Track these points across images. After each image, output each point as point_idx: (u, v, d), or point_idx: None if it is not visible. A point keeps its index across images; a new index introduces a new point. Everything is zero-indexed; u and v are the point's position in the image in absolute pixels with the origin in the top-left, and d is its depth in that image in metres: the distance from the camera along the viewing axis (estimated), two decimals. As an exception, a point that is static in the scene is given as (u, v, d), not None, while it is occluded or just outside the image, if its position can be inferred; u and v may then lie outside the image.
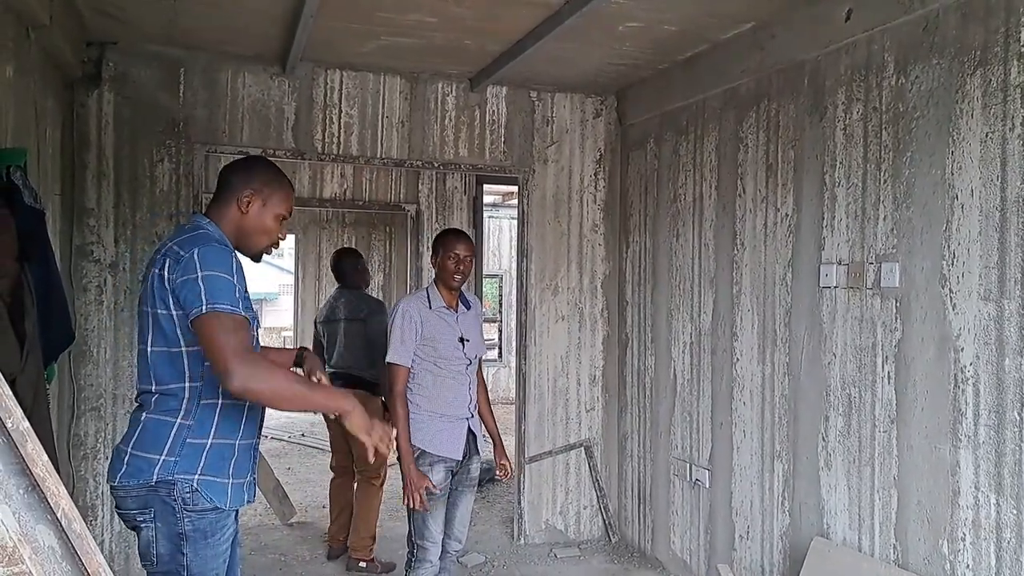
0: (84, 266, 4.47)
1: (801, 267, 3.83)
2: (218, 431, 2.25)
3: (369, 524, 4.92)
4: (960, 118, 3.03)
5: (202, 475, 2.20)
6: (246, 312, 2.20)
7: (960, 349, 3.01)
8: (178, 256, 2.19)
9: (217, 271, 2.15)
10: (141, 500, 2.20)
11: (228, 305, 2.12)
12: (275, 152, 4.81)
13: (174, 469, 2.18)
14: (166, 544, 2.20)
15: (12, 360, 2.83)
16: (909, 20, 3.24)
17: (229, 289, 2.15)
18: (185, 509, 2.18)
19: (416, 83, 5.11)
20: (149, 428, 2.23)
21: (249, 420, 2.35)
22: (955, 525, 3.03)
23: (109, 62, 4.50)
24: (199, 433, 2.22)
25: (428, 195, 8.51)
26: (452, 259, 3.54)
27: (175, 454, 2.19)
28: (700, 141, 4.63)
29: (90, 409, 4.47)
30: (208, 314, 2.10)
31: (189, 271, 2.15)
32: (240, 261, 2.32)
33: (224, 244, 2.28)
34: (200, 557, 2.21)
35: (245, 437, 2.34)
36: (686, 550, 4.73)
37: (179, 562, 2.20)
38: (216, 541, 2.25)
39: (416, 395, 3.52)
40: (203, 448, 2.22)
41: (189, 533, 2.19)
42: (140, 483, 2.19)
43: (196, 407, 2.23)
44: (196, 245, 2.19)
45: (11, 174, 2.99)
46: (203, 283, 2.13)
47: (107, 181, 4.51)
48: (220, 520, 2.25)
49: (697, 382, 4.64)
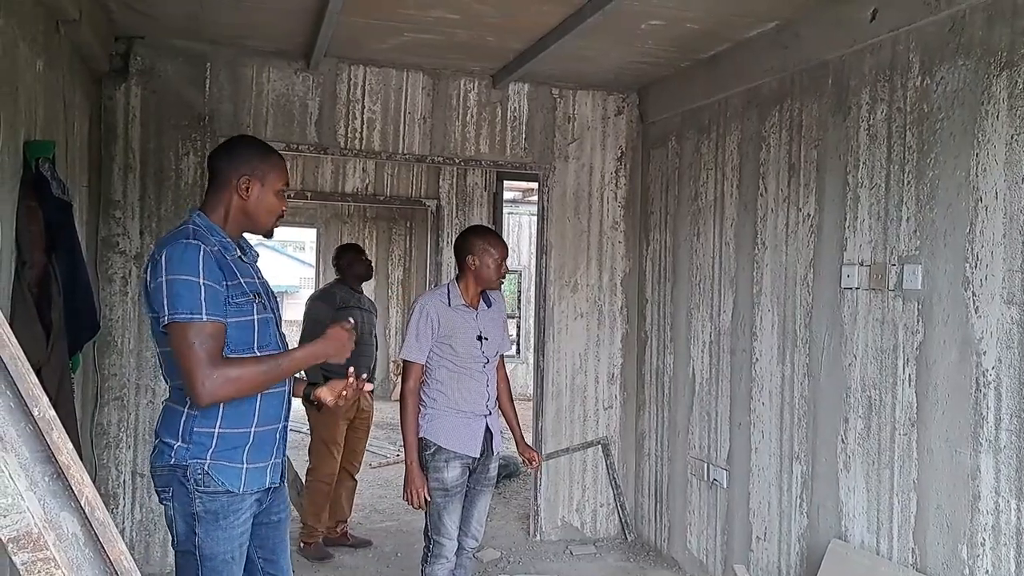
0: (110, 257, 4.52)
1: (822, 268, 3.81)
2: (224, 421, 2.26)
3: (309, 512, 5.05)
4: (985, 119, 3.00)
5: (213, 459, 2.24)
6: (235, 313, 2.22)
7: (982, 352, 2.99)
8: (153, 259, 2.22)
9: (179, 274, 2.15)
10: (164, 479, 2.28)
11: (187, 313, 2.13)
12: (298, 147, 4.85)
13: (186, 455, 2.24)
14: (181, 523, 2.27)
15: (38, 349, 2.88)
16: (935, 20, 3.21)
17: (194, 292, 2.14)
18: (197, 490, 2.23)
19: (438, 79, 5.13)
20: (166, 416, 2.32)
21: (266, 407, 2.35)
22: (975, 530, 3.01)
23: (136, 56, 4.55)
24: (204, 423, 2.25)
25: (449, 190, 8.53)
26: (497, 261, 3.53)
27: (186, 441, 2.24)
28: (722, 140, 4.62)
29: (114, 399, 4.53)
30: (169, 325, 2.14)
31: (156, 275, 2.17)
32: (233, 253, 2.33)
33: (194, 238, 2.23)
34: (211, 538, 2.25)
35: (263, 424, 2.34)
36: (703, 550, 4.72)
37: (192, 541, 2.25)
38: (229, 524, 2.27)
39: (433, 391, 3.52)
40: (211, 436, 2.25)
41: (201, 514, 2.24)
42: (162, 464, 2.27)
43: None
44: (166, 246, 2.21)
45: (40, 166, 3.04)
46: (165, 289, 2.15)
47: (133, 174, 4.56)
48: (234, 503, 2.27)
49: (716, 381, 4.63)
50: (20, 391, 1.25)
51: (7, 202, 2.81)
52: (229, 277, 2.25)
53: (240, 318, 2.26)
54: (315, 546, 5.01)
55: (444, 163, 5.28)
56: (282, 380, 2.37)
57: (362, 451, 5.41)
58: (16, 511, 1.22)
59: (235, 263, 2.32)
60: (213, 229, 2.33)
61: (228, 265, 2.27)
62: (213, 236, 2.30)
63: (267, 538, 2.47)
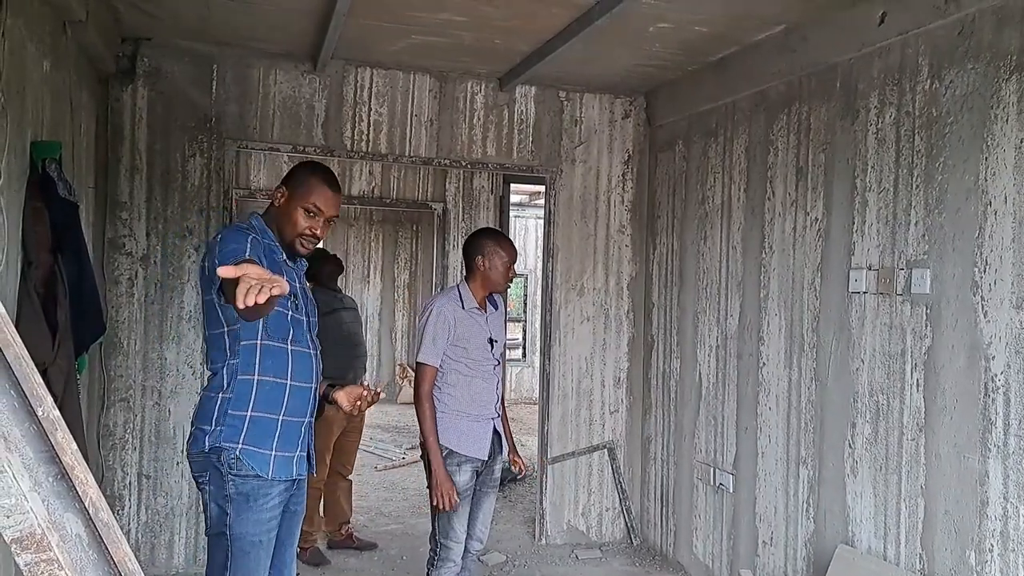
0: (116, 258, 4.53)
1: (830, 272, 3.80)
2: (256, 405, 2.44)
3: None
4: (995, 123, 2.98)
5: (244, 444, 2.42)
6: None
7: (991, 357, 2.97)
8: (208, 245, 2.49)
9: (228, 243, 2.36)
10: (201, 465, 2.47)
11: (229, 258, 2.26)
12: (304, 149, 4.85)
13: (220, 437, 2.41)
14: (215, 507, 2.44)
15: (44, 350, 2.88)
16: (944, 24, 3.20)
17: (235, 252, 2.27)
18: (231, 473, 2.41)
19: (445, 82, 5.12)
20: (202, 404, 2.51)
21: (294, 399, 2.51)
22: (983, 536, 2.98)
23: (143, 57, 4.56)
24: (238, 405, 2.42)
25: (455, 194, 8.53)
26: (507, 263, 3.56)
27: (220, 423, 2.42)
28: (730, 143, 4.60)
29: (119, 400, 4.53)
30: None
31: (211, 250, 2.41)
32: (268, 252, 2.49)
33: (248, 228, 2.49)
34: (242, 520, 2.41)
35: (291, 415, 2.50)
36: (708, 555, 4.70)
37: (223, 522, 2.42)
38: (259, 507, 2.43)
39: (445, 395, 3.51)
40: (244, 420, 2.42)
41: (233, 496, 2.41)
42: (198, 451, 2.46)
43: (234, 381, 2.43)
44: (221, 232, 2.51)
45: (46, 167, 3.04)
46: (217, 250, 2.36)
47: (140, 175, 4.57)
48: (264, 488, 2.44)
49: (722, 386, 4.61)
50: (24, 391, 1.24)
51: (14, 203, 2.82)
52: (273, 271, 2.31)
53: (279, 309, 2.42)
54: (311, 551, 5.00)
55: (450, 166, 5.28)
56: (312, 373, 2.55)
57: (353, 452, 5.40)
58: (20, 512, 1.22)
59: (281, 264, 2.51)
60: (266, 232, 2.55)
61: (275, 263, 2.47)
62: (264, 238, 2.52)
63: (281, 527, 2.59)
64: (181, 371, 4.60)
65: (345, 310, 5.20)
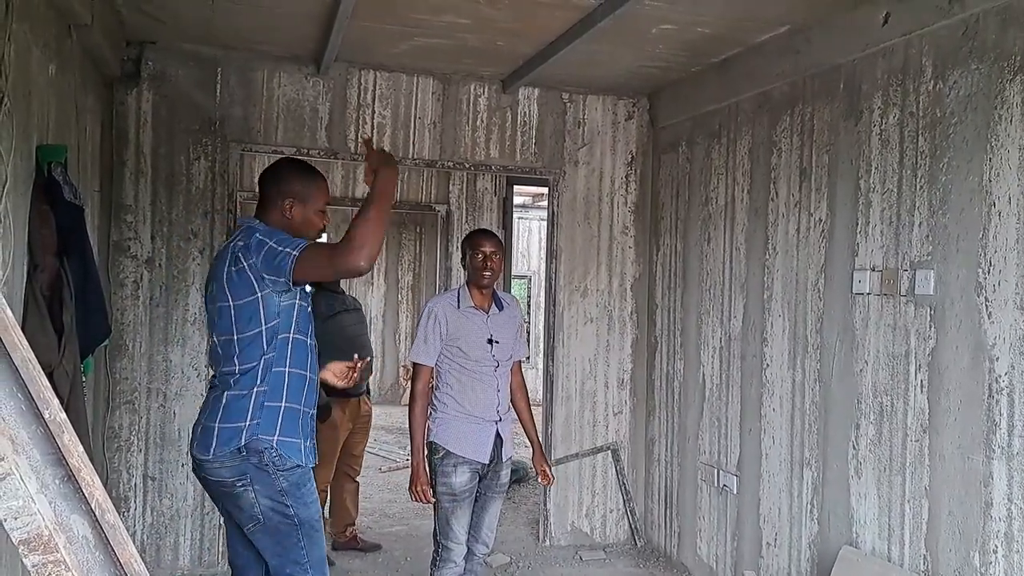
0: (121, 261, 4.54)
1: (834, 273, 3.80)
2: (288, 396, 2.56)
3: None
4: (999, 124, 2.98)
5: (280, 436, 2.53)
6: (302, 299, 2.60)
7: (995, 359, 2.97)
8: (246, 247, 2.50)
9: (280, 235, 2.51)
10: (237, 468, 2.51)
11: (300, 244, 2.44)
12: (308, 151, 4.85)
13: (257, 431, 2.50)
14: (267, 502, 2.52)
15: (50, 352, 2.89)
16: (948, 24, 3.20)
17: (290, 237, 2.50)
18: (278, 470, 2.51)
19: (448, 84, 5.13)
20: (232, 402, 2.54)
21: (309, 391, 2.65)
22: (987, 537, 2.98)
23: (148, 61, 4.57)
24: (273, 397, 2.54)
25: (459, 195, 8.53)
26: (480, 255, 3.53)
27: (256, 417, 2.51)
28: (733, 144, 4.60)
29: (125, 402, 4.54)
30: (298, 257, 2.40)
31: (262, 246, 2.47)
32: None
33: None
34: (302, 504, 2.56)
35: (307, 405, 2.65)
36: (712, 556, 4.70)
37: (286, 513, 2.53)
38: (308, 491, 2.60)
39: (443, 394, 3.53)
40: (278, 411, 2.54)
41: (287, 488, 2.52)
42: (231, 450, 2.50)
43: (268, 374, 2.54)
44: (254, 233, 2.54)
45: (52, 170, 3.05)
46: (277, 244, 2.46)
47: (145, 178, 4.58)
48: (306, 474, 2.60)
49: (726, 387, 4.61)
50: (32, 394, 1.25)
51: (20, 206, 2.82)
52: None
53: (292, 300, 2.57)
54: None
55: (454, 168, 5.28)
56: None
57: (361, 454, 5.40)
58: (27, 513, 1.23)
59: None
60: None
61: None
62: None
63: None
64: (186, 373, 4.61)
65: (347, 312, 5.17)
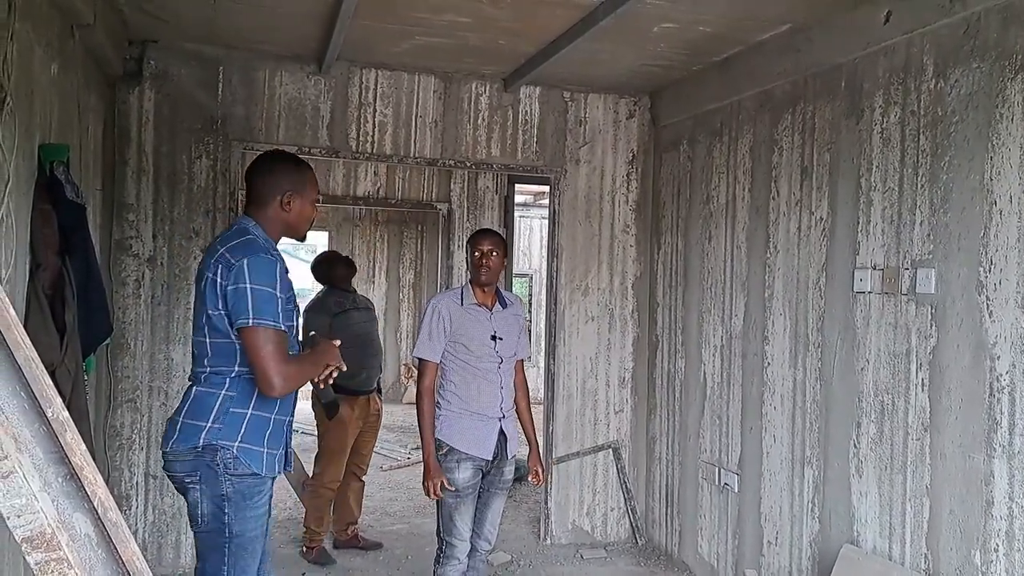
0: (123, 260, 4.55)
1: (835, 271, 3.80)
2: (256, 404, 2.51)
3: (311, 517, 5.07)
4: (1000, 123, 2.98)
5: (242, 443, 2.47)
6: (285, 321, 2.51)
7: (996, 357, 2.97)
8: (229, 264, 2.45)
9: (263, 285, 2.44)
10: (190, 464, 2.47)
11: (271, 320, 2.43)
12: (310, 150, 4.86)
13: (218, 436, 2.45)
14: (209, 504, 2.46)
15: (52, 351, 2.90)
16: (949, 23, 3.19)
17: (272, 303, 2.44)
18: (227, 473, 2.44)
19: (450, 83, 5.13)
20: (199, 399, 2.52)
21: (285, 398, 2.59)
22: (988, 535, 2.98)
23: (150, 60, 4.58)
24: (240, 404, 2.49)
25: (460, 194, 8.53)
26: (477, 252, 3.57)
27: (220, 421, 2.46)
28: (734, 143, 4.61)
29: (126, 401, 4.55)
30: (253, 327, 2.41)
31: (239, 280, 2.43)
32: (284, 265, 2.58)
33: (270, 252, 2.53)
34: (241, 517, 2.46)
35: (281, 413, 2.60)
36: (713, 554, 4.70)
37: (221, 521, 2.45)
38: (255, 504, 2.50)
39: (446, 391, 3.56)
40: (243, 417, 2.49)
41: (231, 495, 2.45)
42: (189, 447, 2.46)
43: (239, 381, 2.51)
44: (246, 254, 2.46)
45: (54, 169, 3.06)
46: (251, 295, 2.42)
47: (146, 177, 4.59)
48: (258, 485, 2.51)
49: (727, 385, 4.61)
50: (34, 392, 1.26)
51: (22, 205, 2.83)
52: (285, 289, 2.55)
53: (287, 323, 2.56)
54: (317, 550, 5.01)
55: (455, 166, 5.29)
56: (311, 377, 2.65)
57: (369, 453, 5.42)
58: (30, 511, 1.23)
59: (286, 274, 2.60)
60: (270, 242, 2.62)
61: (286, 279, 2.57)
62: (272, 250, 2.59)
63: None
64: (188, 371, 4.60)
65: (357, 310, 5.20)
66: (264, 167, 2.70)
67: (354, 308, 5.19)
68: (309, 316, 5.19)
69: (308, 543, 5.05)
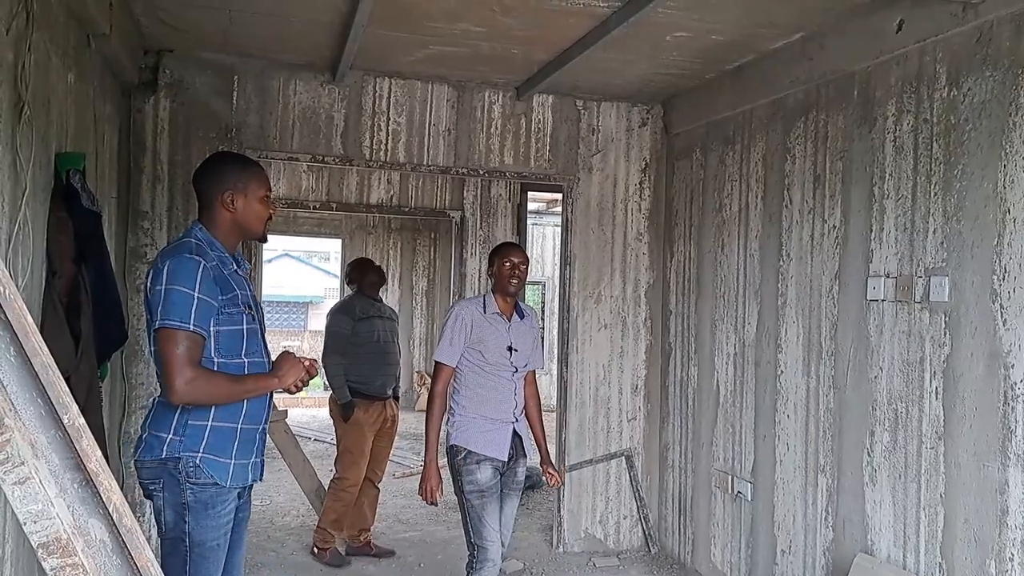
0: (138, 267, 4.58)
1: (848, 279, 3.79)
2: (216, 415, 2.45)
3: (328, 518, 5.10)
4: (1013, 131, 2.97)
5: (205, 453, 2.43)
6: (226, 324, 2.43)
7: (1010, 366, 2.95)
8: (155, 268, 2.42)
9: (178, 286, 2.35)
10: (154, 472, 2.44)
11: (177, 321, 2.33)
12: (324, 158, 4.89)
13: (179, 448, 2.41)
14: (171, 513, 2.43)
15: (68, 358, 2.92)
16: (962, 31, 3.19)
17: (187, 304, 2.34)
18: (188, 482, 2.41)
19: (463, 91, 5.15)
20: (158, 411, 2.48)
21: (252, 407, 2.53)
22: (1003, 545, 2.96)
23: (165, 69, 4.61)
24: (198, 416, 2.43)
25: (473, 202, 8.55)
26: (508, 264, 3.65)
27: (179, 434, 2.42)
28: (747, 151, 4.60)
29: (141, 407, 4.57)
30: (159, 328, 2.34)
31: (157, 283, 2.38)
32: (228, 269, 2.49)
33: (197, 254, 2.41)
34: (201, 526, 2.43)
35: (248, 422, 2.53)
36: (727, 563, 4.68)
37: (182, 529, 2.42)
38: (217, 513, 2.46)
39: (462, 396, 3.64)
40: (204, 429, 2.43)
41: (191, 504, 2.42)
42: (152, 458, 2.43)
43: None
44: (169, 257, 2.41)
45: (70, 177, 3.09)
46: (163, 296, 2.35)
47: (162, 185, 4.62)
48: (221, 495, 2.46)
49: (740, 394, 4.60)
50: (51, 399, 1.27)
51: (39, 213, 2.86)
52: (225, 291, 2.45)
53: (231, 327, 2.47)
54: (331, 552, 5.04)
55: (468, 174, 5.30)
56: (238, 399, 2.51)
57: (386, 460, 5.44)
58: (46, 517, 1.24)
59: (231, 276, 2.51)
60: (213, 243, 2.52)
61: (225, 279, 2.46)
62: (213, 251, 2.49)
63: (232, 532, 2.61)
64: (202, 378, 4.63)
65: (380, 319, 5.31)
66: (204, 169, 2.64)
67: (378, 316, 5.30)
68: (334, 315, 5.30)
69: (320, 543, 5.08)
